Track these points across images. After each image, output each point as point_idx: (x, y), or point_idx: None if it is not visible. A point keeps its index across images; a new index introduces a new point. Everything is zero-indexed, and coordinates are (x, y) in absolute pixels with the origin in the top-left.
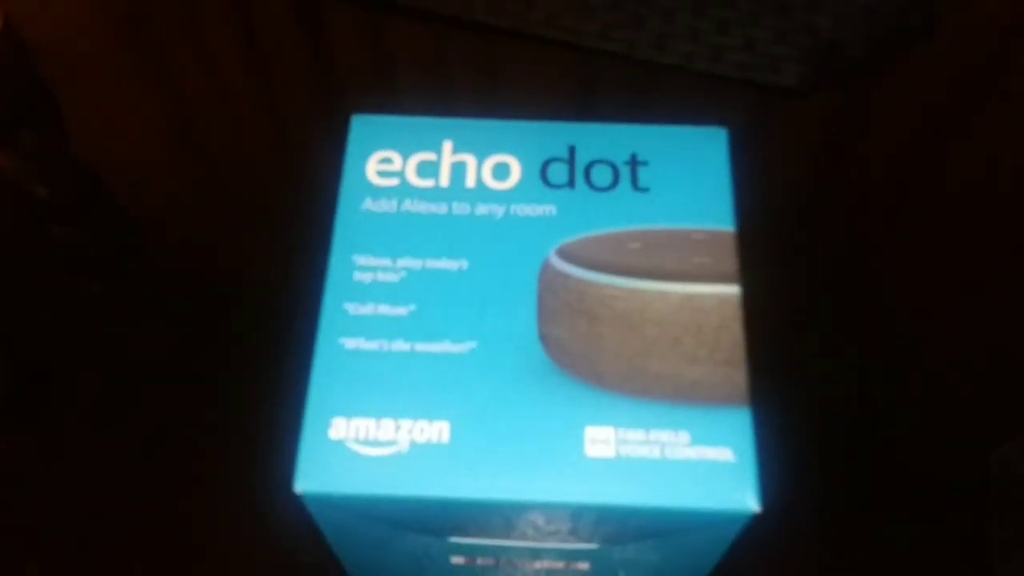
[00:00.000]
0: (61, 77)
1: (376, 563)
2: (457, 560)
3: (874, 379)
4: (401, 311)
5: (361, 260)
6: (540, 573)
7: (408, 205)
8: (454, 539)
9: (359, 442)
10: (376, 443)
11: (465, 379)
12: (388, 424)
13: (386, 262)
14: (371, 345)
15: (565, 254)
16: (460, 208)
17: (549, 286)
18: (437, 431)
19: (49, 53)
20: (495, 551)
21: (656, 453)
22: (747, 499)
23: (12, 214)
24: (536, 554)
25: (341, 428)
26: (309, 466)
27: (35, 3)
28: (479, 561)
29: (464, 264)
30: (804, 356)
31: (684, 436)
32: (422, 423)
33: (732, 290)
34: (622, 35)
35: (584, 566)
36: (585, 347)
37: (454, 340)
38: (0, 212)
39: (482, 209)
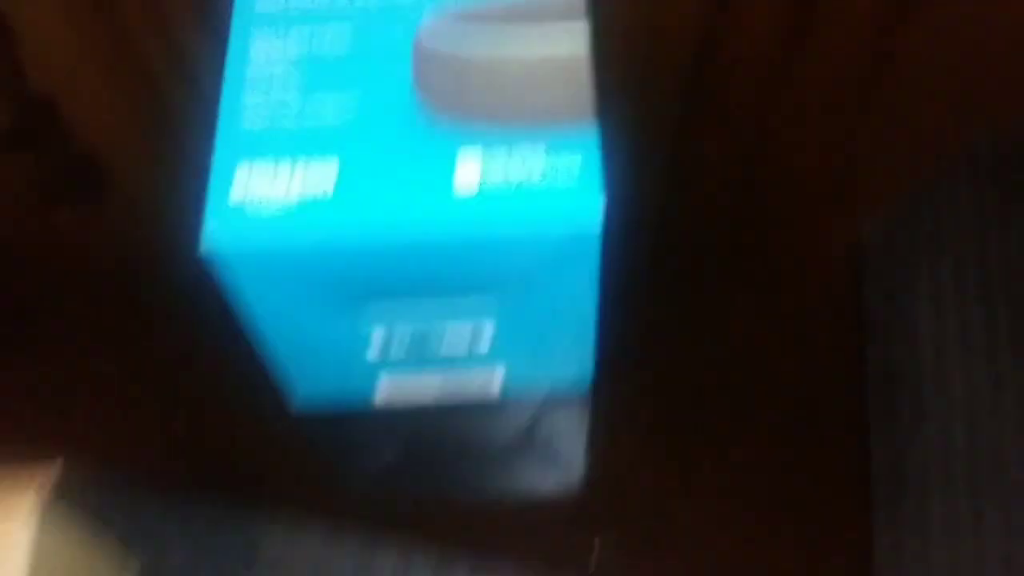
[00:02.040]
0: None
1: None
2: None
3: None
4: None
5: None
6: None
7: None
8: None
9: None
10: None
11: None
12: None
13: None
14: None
15: (434, 32)
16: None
17: (422, 56)
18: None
19: None
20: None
21: (521, 175)
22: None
23: None
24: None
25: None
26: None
27: None
28: (395, 341)
29: (347, 39)
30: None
31: (540, 148)
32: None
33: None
34: None
35: (488, 331)
36: (455, 100)
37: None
38: None
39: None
